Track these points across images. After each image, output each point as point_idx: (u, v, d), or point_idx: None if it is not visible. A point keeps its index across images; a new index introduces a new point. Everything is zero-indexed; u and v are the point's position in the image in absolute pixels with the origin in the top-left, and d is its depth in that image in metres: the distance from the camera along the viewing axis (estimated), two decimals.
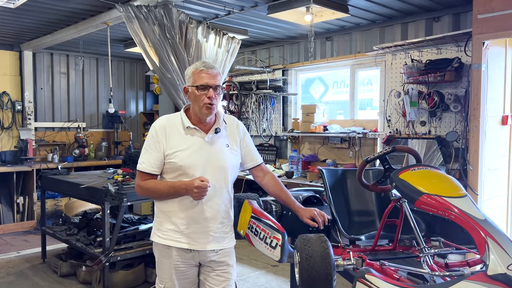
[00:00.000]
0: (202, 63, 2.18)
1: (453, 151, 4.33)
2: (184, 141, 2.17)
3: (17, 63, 7.09)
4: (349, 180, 2.99)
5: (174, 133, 2.18)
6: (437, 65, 4.35)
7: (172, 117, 2.27)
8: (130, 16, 3.97)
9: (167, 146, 2.15)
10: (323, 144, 5.95)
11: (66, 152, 7.52)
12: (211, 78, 2.13)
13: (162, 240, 2.20)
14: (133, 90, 8.63)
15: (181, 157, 2.13)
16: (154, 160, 2.17)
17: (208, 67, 2.15)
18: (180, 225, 2.16)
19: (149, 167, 2.17)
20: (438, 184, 2.09)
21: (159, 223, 2.23)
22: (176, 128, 2.19)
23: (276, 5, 4.48)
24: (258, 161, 2.41)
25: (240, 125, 2.37)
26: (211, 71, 2.14)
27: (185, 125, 2.18)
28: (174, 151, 2.14)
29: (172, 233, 2.18)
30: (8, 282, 4.43)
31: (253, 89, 6.44)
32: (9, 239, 6.10)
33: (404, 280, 2.03)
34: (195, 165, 2.14)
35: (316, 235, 2.01)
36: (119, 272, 4.19)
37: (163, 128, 2.18)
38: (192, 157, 2.14)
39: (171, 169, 2.16)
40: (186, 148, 2.15)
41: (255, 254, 5.18)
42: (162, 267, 2.23)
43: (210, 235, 2.19)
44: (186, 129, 2.18)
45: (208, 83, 2.12)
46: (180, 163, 2.13)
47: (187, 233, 2.16)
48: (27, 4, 4.66)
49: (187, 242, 2.17)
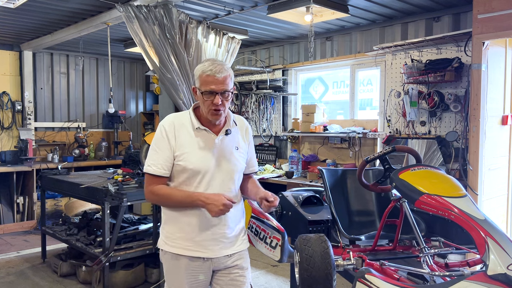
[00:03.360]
0: (210, 65, 1.98)
1: (453, 151, 4.33)
2: (194, 142, 2.05)
3: (17, 63, 7.09)
4: (349, 180, 3.00)
5: (183, 133, 2.05)
6: (437, 65, 4.35)
7: (181, 116, 2.13)
8: (130, 16, 3.97)
9: (177, 146, 2.03)
10: (323, 144, 5.95)
11: (66, 152, 7.52)
12: (219, 83, 1.96)
13: (171, 248, 2.09)
14: (133, 90, 8.63)
15: (191, 160, 2.02)
16: (164, 161, 2.03)
17: (216, 72, 1.96)
18: (190, 233, 2.06)
19: (160, 169, 2.02)
20: (438, 184, 2.09)
21: (167, 230, 2.12)
22: (185, 128, 2.06)
23: (276, 5, 4.48)
24: (256, 168, 2.33)
25: (249, 130, 2.26)
26: (219, 76, 1.96)
27: (195, 126, 2.06)
28: (183, 153, 2.02)
29: (182, 240, 2.07)
30: (8, 282, 4.43)
31: (253, 89, 6.44)
32: (9, 239, 6.10)
33: (404, 280, 2.04)
34: (205, 168, 2.03)
35: (316, 235, 2.01)
36: (119, 272, 4.19)
37: (172, 127, 2.05)
38: (201, 160, 2.03)
39: (179, 171, 2.05)
40: (196, 150, 2.04)
41: (255, 254, 5.17)
42: (172, 276, 2.12)
43: (221, 241, 2.09)
44: (196, 130, 2.06)
45: (214, 89, 1.96)
46: (190, 166, 2.02)
47: (197, 240, 2.06)
48: (27, 4, 4.66)
49: (198, 249, 2.06)
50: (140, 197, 3.98)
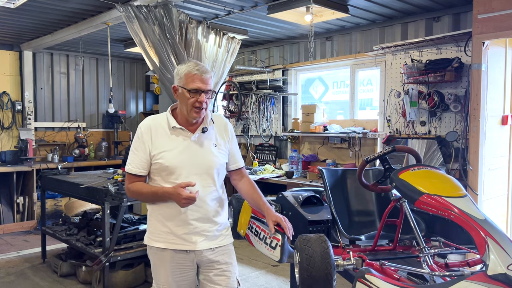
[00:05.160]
0: (196, 66, 2.13)
1: (453, 151, 4.33)
2: (170, 141, 2.16)
3: (17, 63, 7.09)
4: (349, 180, 3.00)
5: (160, 134, 2.16)
6: (437, 65, 4.35)
7: (157, 117, 2.25)
8: (130, 16, 3.97)
9: (153, 147, 2.14)
10: (323, 144, 5.95)
11: (66, 152, 7.52)
12: (204, 82, 2.11)
13: (156, 242, 2.19)
14: (133, 90, 8.63)
15: (167, 158, 2.12)
16: (140, 161, 2.16)
17: (202, 72, 2.11)
18: (172, 227, 2.15)
19: (135, 168, 2.17)
20: (438, 184, 2.09)
21: (152, 226, 2.22)
22: (162, 128, 2.17)
23: (276, 5, 4.48)
24: (240, 164, 2.38)
25: (229, 126, 2.34)
26: (205, 76, 2.11)
27: (171, 125, 2.16)
28: (160, 152, 2.13)
29: (166, 235, 2.16)
30: (8, 282, 4.43)
31: (253, 89, 6.44)
32: (9, 239, 6.10)
33: (404, 280, 2.04)
34: (181, 165, 2.12)
35: (316, 235, 2.01)
36: (119, 272, 4.19)
37: (148, 129, 2.17)
38: (178, 157, 2.13)
39: (158, 169, 2.15)
40: (172, 149, 2.14)
41: (255, 254, 5.17)
42: (158, 270, 2.21)
43: (203, 235, 2.17)
44: (172, 129, 2.17)
45: (200, 88, 2.10)
46: (167, 164, 2.12)
47: (179, 234, 2.15)
48: (27, 4, 4.67)
49: (181, 243, 2.15)
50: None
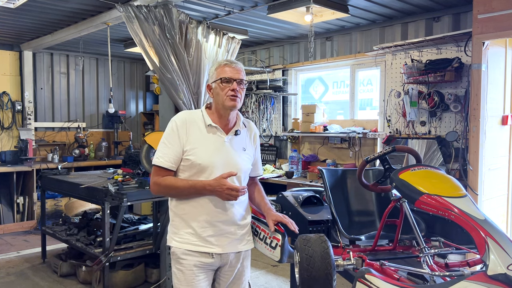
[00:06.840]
0: (225, 60, 2.20)
1: (453, 151, 4.33)
2: (204, 139, 2.11)
3: (17, 63, 7.09)
4: (349, 180, 2.99)
5: (194, 129, 2.12)
6: (437, 65, 4.35)
7: (193, 112, 2.22)
8: (130, 16, 3.97)
9: (187, 142, 2.09)
10: (323, 144, 5.95)
11: (66, 152, 7.52)
12: (235, 72, 2.11)
13: (180, 244, 2.12)
14: (133, 90, 8.63)
15: (200, 155, 2.07)
16: (173, 155, 2.09)
17: (232, 62, 2.15)
18: (197, 228, 2.09)
19: (168, 162, 2.08)
20: (438, 184, 2.09)
21: (176, 227, 2.16)
22: (197, 124, 2.13)
23: (276, 5, 4.48)
24: (260, 172, 2.39)
25: (257, 134, 2.34)
26: (235, 66, 2.13)
27: (207, 123, 2.13)
28: (193, 148, 2.08)
29: (190, 236, 2.10)
30: (8, 282, 4.43)
31: (253, 89, 6.44)
32: (9, 239, 6.10)
33: (404, 280, 2.03)
34: (214, 164, 2.08)
35: (316, 235, 2.01)
36: (119, 272, 4.19)
37: (184, 123, 2.11)
38: (211, 156, 2.08)
39: (187, 166, 2.10)
40: (206, 146, 2.09)
41: (255, 254, 5.14)
42: (180, 273, 2.13)
43: (228, 238, 2.14)
44: (208, 127, 2.13)
45: (232, 77, 2.09)
46: (199, 161, 2.07)
47: (204, 236, 2.10)
48: (27, 4, 4.66)
49: (205, 245, 2.10)
50: (140, 197, 3.97)
